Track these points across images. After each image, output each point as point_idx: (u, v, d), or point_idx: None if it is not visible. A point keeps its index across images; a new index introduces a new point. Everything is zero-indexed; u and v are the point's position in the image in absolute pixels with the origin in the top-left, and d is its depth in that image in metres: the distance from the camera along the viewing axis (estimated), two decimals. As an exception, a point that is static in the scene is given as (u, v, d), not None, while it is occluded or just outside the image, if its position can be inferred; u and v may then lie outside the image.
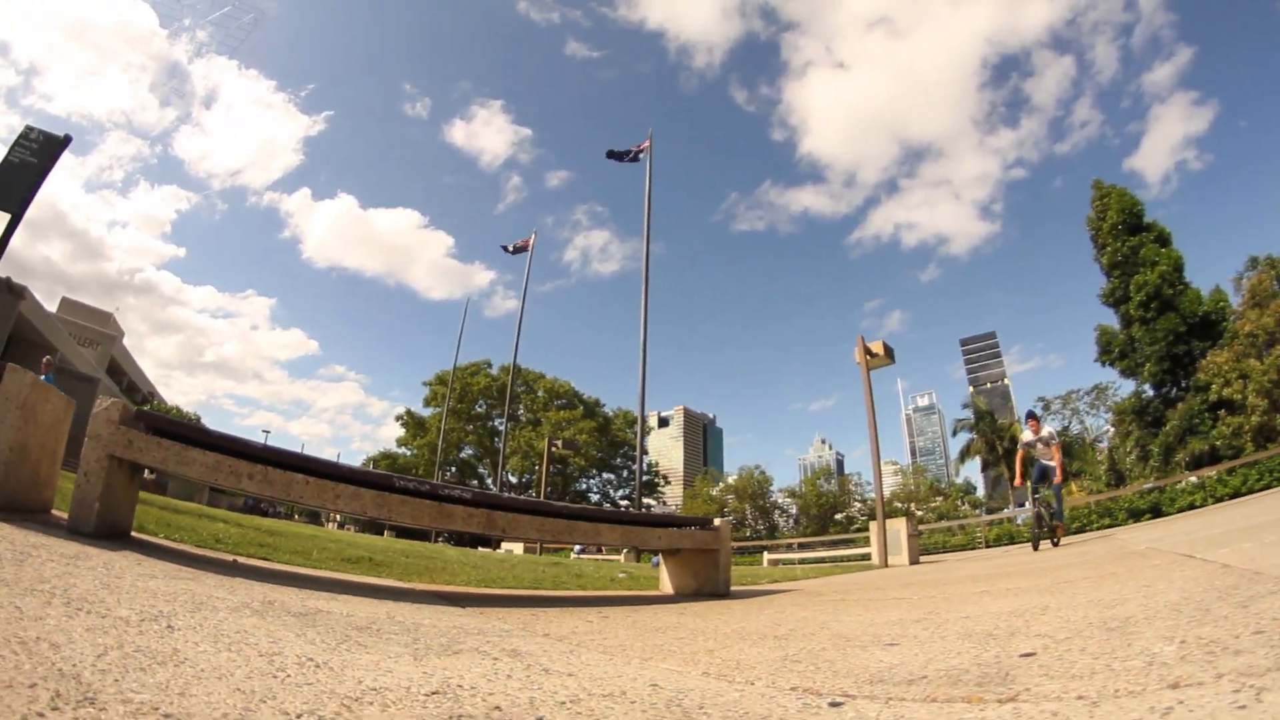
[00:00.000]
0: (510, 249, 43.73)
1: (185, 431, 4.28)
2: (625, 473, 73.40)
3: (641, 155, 33.60)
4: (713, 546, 6.15)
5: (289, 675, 1.80)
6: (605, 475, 75.16)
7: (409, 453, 72.08)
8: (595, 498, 74.17)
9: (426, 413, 73.60)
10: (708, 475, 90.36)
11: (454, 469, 71.20)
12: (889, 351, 17.76)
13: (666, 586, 6.56)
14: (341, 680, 1.83)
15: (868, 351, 17.64)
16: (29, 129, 17.87)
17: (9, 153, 17.64)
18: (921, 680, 2.03)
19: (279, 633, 2.29)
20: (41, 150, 17.84)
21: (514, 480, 68.60)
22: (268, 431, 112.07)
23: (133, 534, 4.44)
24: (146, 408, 48.83)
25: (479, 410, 73.01)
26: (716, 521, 6.44)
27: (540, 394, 74.43)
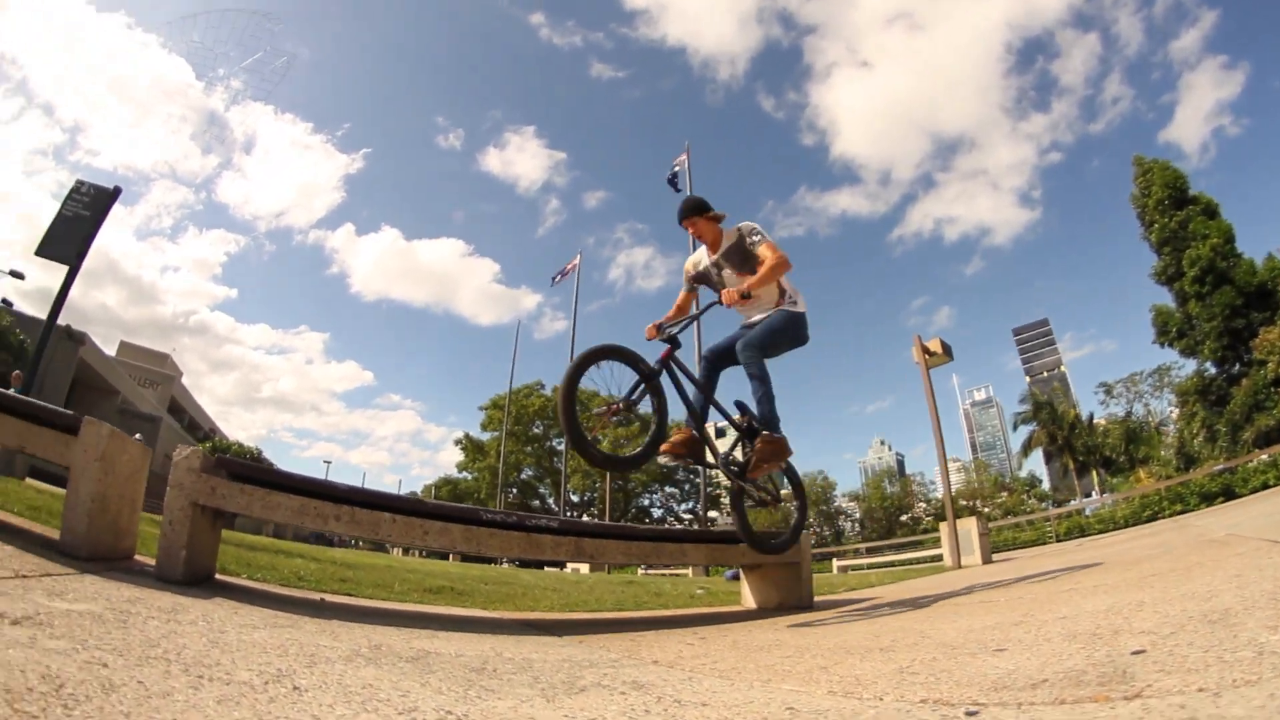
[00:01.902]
0: (556, 278, 43.98)
1: (268, 477, 4.33)
2: (687, 485, 72.69)
3: (679, 168, 33.79)
4: (794, 560, 6.10)
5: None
6: (668, 489, 74.28)
7: (469, 476, 72.52)
8: (658, 513, 73.82)
9: (484, 436, 73.71)
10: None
11: (515, 491, 71.22)
12: (947, 349, 17.57)
13: (749, 601, 6.46)
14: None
15: (925, 350, 17.48)
16: (79, 183, 18.44)
17: (62, 207, 18.21)
18: (1044, 684, 2.01)
19: (403, 683, 2.23)
20: (93, 203, 18.36)
21: (575, 499, 68.65)
22: (328, 462, 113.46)
23: (216, 576, 4.49)
24: (208, 444, 49.99)
25: (536, 431, 73.09)
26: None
27: (595, 411, 73.20)
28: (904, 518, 65.92)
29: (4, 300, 44.67)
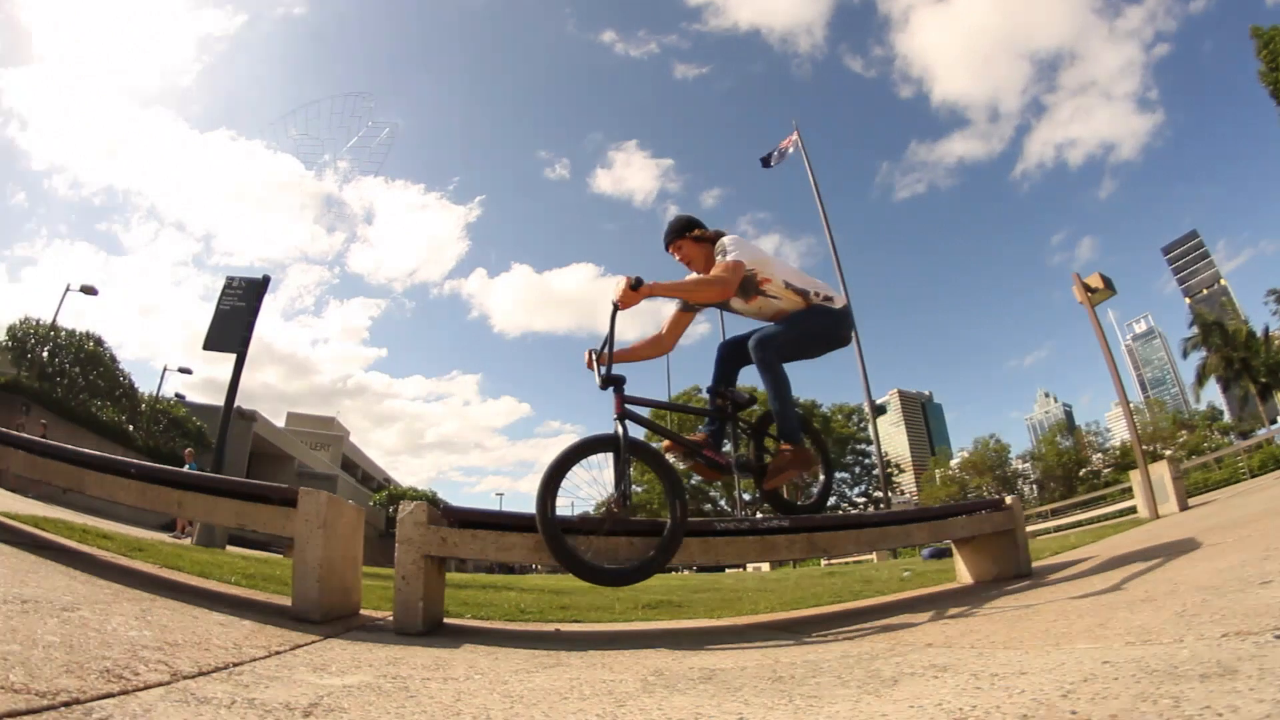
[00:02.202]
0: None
1: (499, 519, 4.35)
2: (857, 469, 72.14)
3: (790, 149, 33.22)
4: (1008, 527, 5.86)
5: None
6: (838, 475, 72.83)
7: (640, 489, 71.53)
8: (831, 500, 72.38)
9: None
10: (940, 456, 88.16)
11: (686, 498, 69.38)
12: (1108, 283, 16.54)
13: (965, 577, 6.22)
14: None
15: (1086, 288, 16.56)
16: (230, 279, 19.93)
17: (219, 302, 19.58)
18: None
19: (726, 705, 2.10)
20: (246, 294, 19.74)
21: (746, 497, 67.89)
22: (500, 494, 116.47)
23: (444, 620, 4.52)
24: (383, 494, 52.42)
25: None
26: (1008, 500, 6.08)
27: (757, 408, 72.46)
28: (1082, 472, 63.72)
29: (177, 395, 48.76)
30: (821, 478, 5.65)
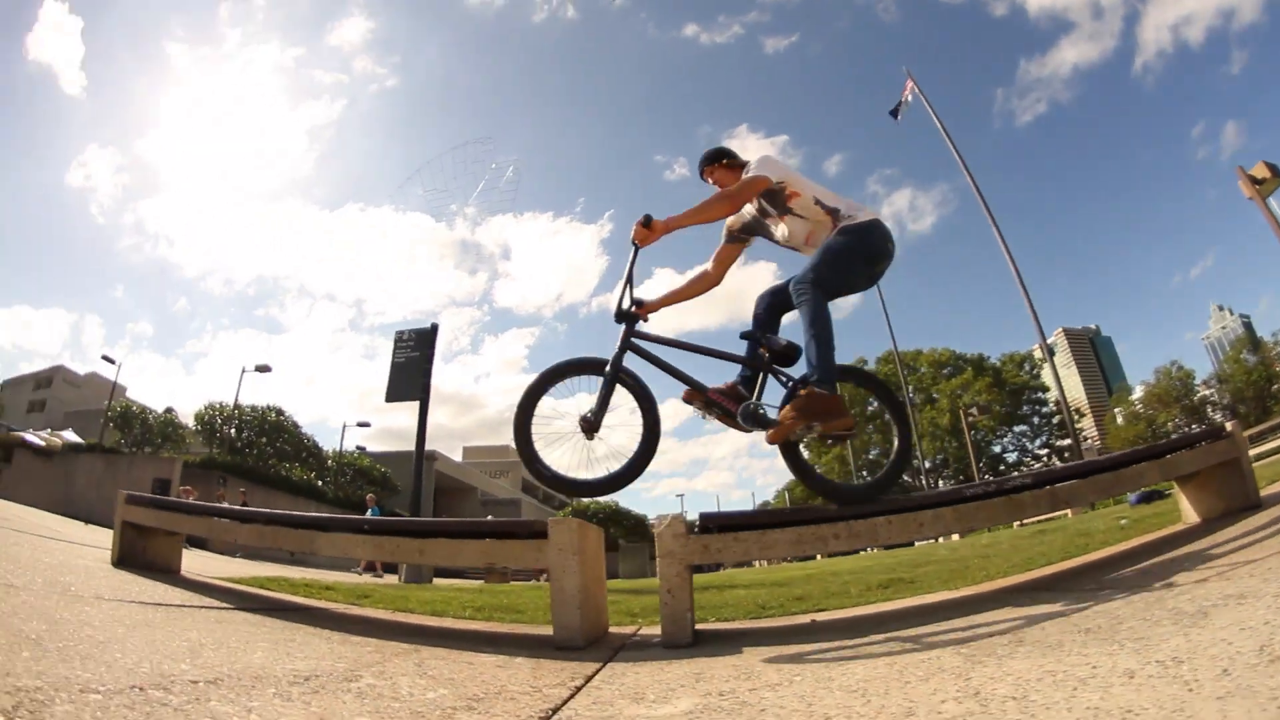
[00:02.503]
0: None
1: (761, 519, 4.43)
2: (1036, 420, 69.65)
3: (910, 97, 32.53)
4: (1232, 456, 5.47)
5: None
6: (1017, 428, 70.64)
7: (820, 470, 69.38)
8: (1013, 456, 70.43)
9: None
10: (1119, 393, 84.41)
11: (864, 473, 67.71)
12: (1275, 170, 15.60)
13: (1190, 516, 5.83)
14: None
15: (1252, 180, 15.57)
16: (400, 333, 21.06)
17: (394, 356, 20.53)
18: None
19: (1064, 659, 2.08)
20: (419, 344, 20.60)
21: (927, 465, 65.91)
22: (681, 495, 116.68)
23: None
24: (567, 510, 53.94)
25: (872, 408, 68.80)
26: (1229, 427, 5.73)
27: (924, 370, 70.90)
28: (1275, 388, 60.00)
29: (359, 447, 52.31)
30: (896, 445, 4.93)
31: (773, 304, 4.92)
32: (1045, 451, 67.89)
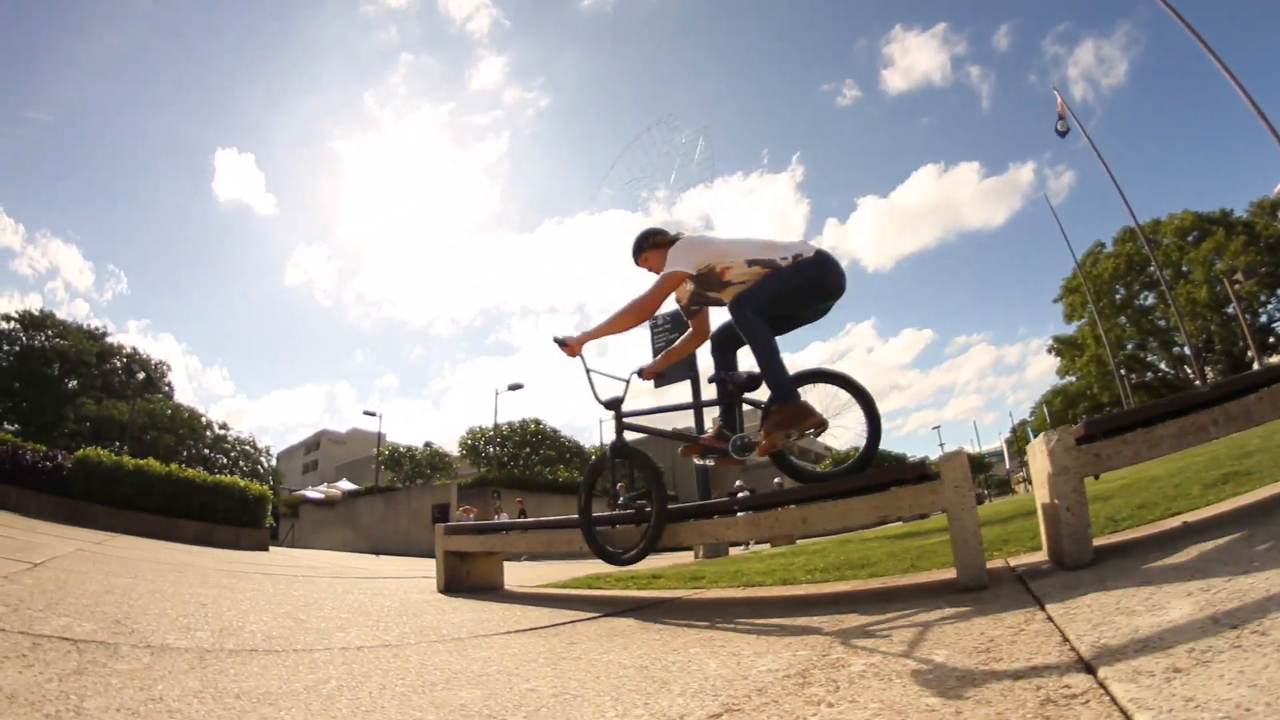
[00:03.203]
0: (1059, 130, 39.49)
1: (1140, 415, 3.92)
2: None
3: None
4: None
5: None
6: (1281, 290, 60.54)
7: (1074, 378, 65.83)
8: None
9: (1070, 329, 66.25)
10: None
11: (1125, 372, 58.76)
12: None
13: None
14: None
15: None
16: (655, 318, 21.13)
17: (653, 342, 21.55)
18: None
19: None
20: (675, 325, 21.32)
21: (1187, 350, 58.93)
22: (937, 427, 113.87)
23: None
24: (826, 462, 53.76)
25: (1120, 296, 62.98)
26: None
27: (1168, 240, 60.07)
28: None
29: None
30: (866, 428, 4.89)
31: (724, 342, 5.16)
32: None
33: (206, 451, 67.34)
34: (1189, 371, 57.89)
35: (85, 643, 2.70)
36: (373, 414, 49.74)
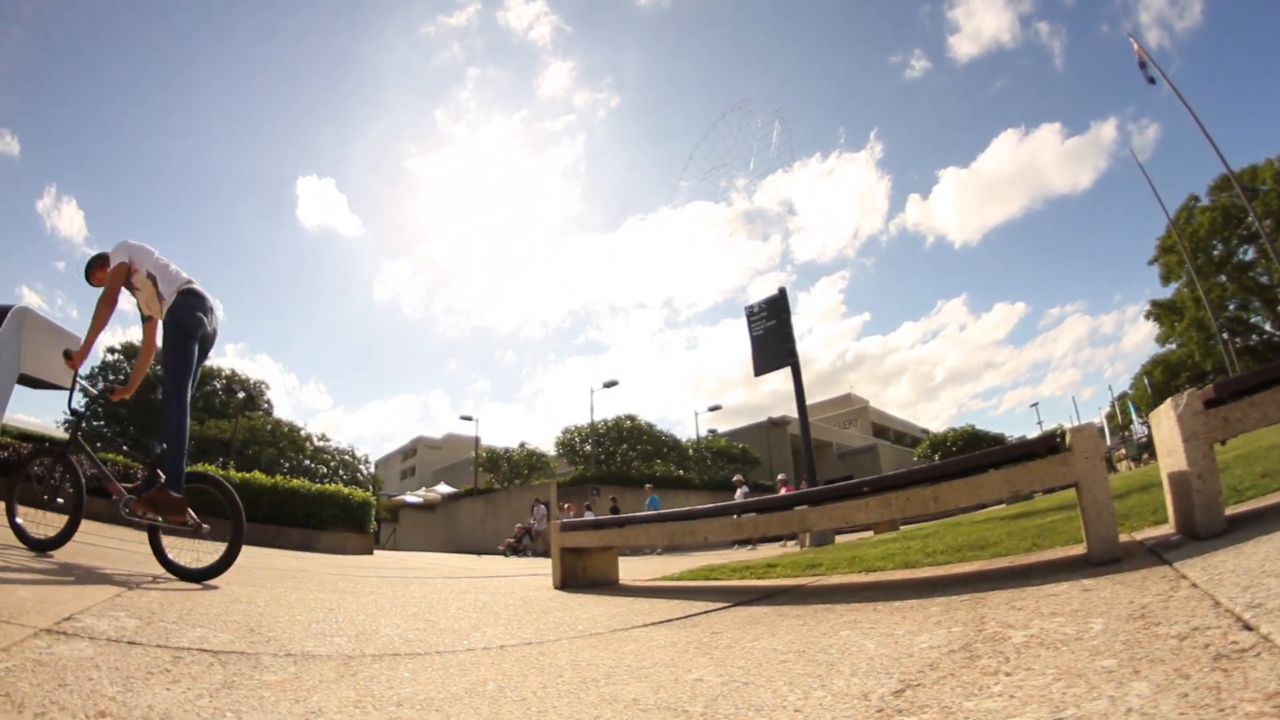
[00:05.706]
0: (1147, 77, 36.85)
1: (1268, 375, 3.81)
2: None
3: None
4: None
5: None
6: None
7: (1174, 345, 60.66)
8: None
9: (1167, 292, 59.61)
10: None
11: (1228, 336, 50.32)
12: None
13: None
14: None
15: None
16: (750, 308, 21.16)
17: (750, 332, 20.87)
18: None
19: None
20: (772, 311, 20.55)
21: None
22: (1035, 404, 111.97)
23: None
24: (924, 445, 53.78)
25: (1217, 253, 54.93)
26: None
27: (1266, 188, 50.23)
28: None
29: (710, 430, 56.35)
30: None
31: None
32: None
33: (307, 462, 68.69)
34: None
35: (225, 654, 2.73)
36: (469, 418, 50.59)
